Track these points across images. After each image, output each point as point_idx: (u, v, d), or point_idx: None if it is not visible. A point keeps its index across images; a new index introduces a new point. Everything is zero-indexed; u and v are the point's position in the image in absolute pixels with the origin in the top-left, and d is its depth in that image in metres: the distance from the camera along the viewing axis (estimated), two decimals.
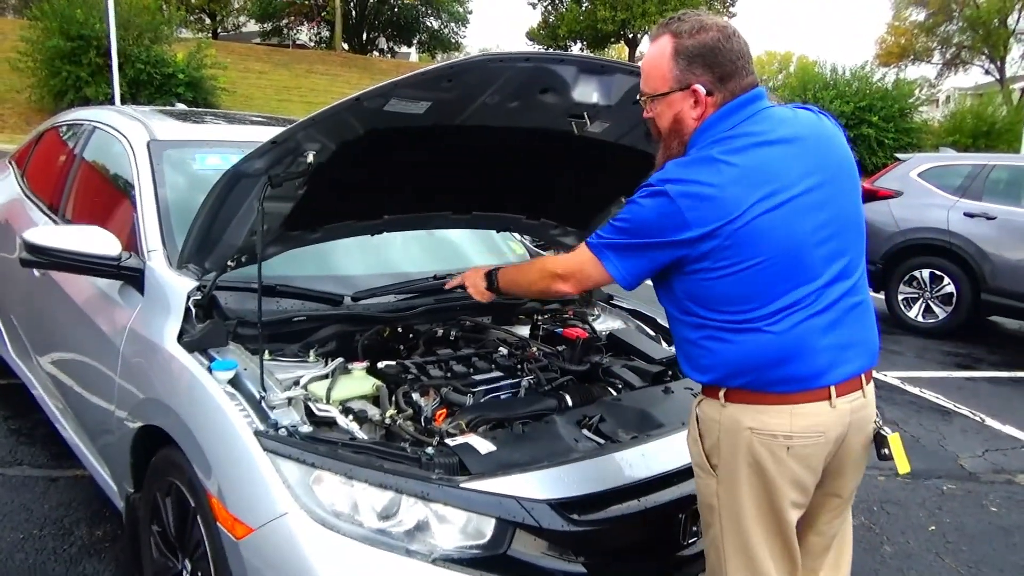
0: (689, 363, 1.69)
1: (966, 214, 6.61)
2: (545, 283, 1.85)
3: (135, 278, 2.32)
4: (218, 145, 2.88)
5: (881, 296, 7.28)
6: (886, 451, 1.68)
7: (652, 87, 1.65)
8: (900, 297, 7.03)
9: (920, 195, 6.97)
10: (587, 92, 2.04)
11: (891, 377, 5.47)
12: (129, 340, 2.25)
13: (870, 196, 7.32)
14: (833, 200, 1.60)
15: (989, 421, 4.74)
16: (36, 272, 2.82)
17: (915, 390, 5.24)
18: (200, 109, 6.82)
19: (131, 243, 2.44)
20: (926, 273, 6.85)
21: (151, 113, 3.24)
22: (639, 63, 1.77)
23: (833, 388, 1.59)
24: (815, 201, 1.56)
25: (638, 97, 1.72)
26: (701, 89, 1.59)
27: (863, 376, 1.66)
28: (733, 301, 1.55)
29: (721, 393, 1.62)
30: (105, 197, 3.01)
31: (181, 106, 4.60)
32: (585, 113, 2.11)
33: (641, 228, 1.58)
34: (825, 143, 1.64)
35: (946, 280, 6.71)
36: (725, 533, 1.65)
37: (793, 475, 1.60)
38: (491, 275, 2.07)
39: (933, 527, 3.32)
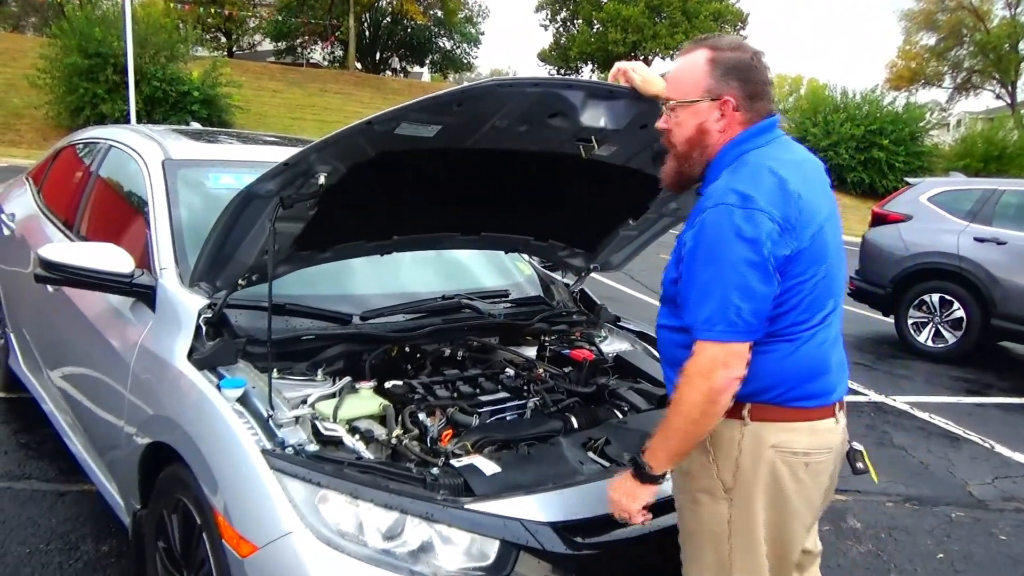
0: None
1: (976, 239, 6.59)
2: (717, 397, 1.51)
3: (147, 295, 2.34)
4: (232, 165, 2.91)
5: (891, 320, 7.26)
6: (860, 465, 1.76)
7: (682, 92, 1.66)
8: (910, 322, 7.00)
9: (930, 219, 6.96)
10: (595, 116, 2.06)
11: (900, 402, 5.44)
12: (139, 356, 2.27)
13: (880, 220, 7.33)
14: (838, 231, 1.69)
15: (999, 448, 4.70)
16: (49, 288, 2.86)
17: (924, 415, 5.20)
18: (214, 129, 6.90)
19: (144, 260, 2.47)
20: (936, 298, 6.82)
21: (166, 132, 3.29)
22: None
23: (837, 404, 1.68)
24: (832, 228, 1.65)
25: (660, 103, 1.72)
26: (731, 102, 1.62)
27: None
28: (795, 311, 1.58)
29: (746, 411, 1.60)
30: (119, 215, 3.05)
31: (196, 125, 4.66)
32: (593, 137, 2.13)
33: (744, 261, 1.48)
34: (822, 173, 1.72)
35: (956, 305, 6.68)
36: (735, 559, 1.61)
37: (809, 494, 1.64)
38: (638, 466, 1.63)
39: (941, 555, 3.28)
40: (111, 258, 2.33)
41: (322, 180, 1.91)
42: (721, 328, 1.49)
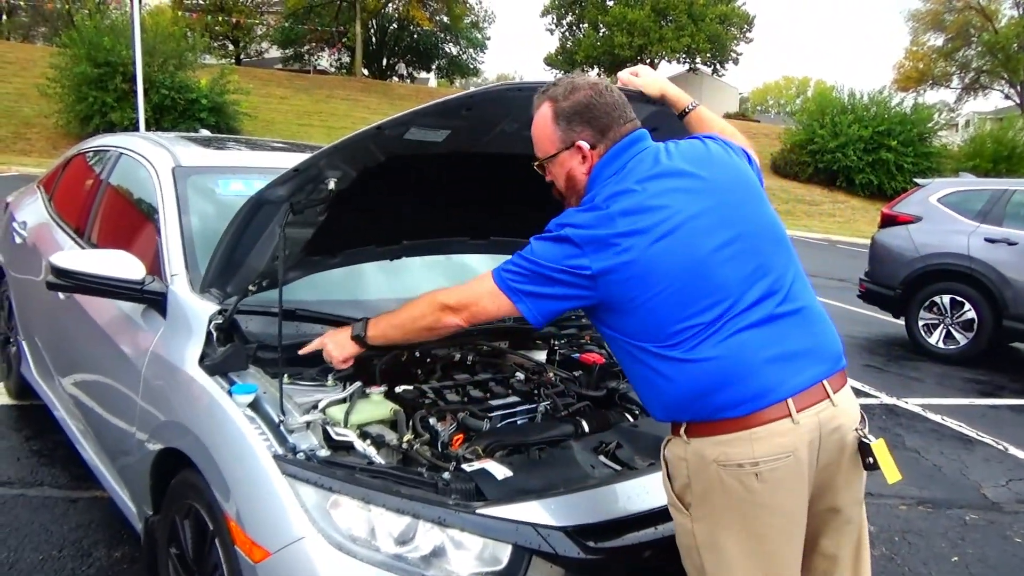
0: (646, 404, 1.71)
1: (987, 239, 6.56)
2: (434, 316, 1.76)
3: (158, 302, 2.35)
4: (241, 171, 2.92)
5: (901, 322, 7.22)
6: (871, 460, 1.60)
7: (543, 151, 1.75)
8: (920, 323, 6.97)
9: (940, 220, 6.93)
10: None
11: (912, 404, 5.41)
12: (151, 363, 2.28)
13: (890, 221, 7.30)
14: (736, 218, 1.62)
15: (1013, 450, 4.67)
16: (61, 295, 2.87)
17: (936, 417, 5.17)
18: (223, 136, 6.94)
19: (154, 267, 2.48)
20: (947, 299, 6.79)
21: (176, 140, 3.31)
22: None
23: (791, 401, 1.53)
24: (712, 223, 1.59)
25: (534, 165, 1.80)
26: (585, 144, 1.69)
27: (826, 383, 1.59)
28: (651, 332, 1.57)
29: (682, 430, 1.61)
30: (130, 221, 3.07)
31: (205, 132, 4.69)
32: None
33: (545, 270, 1.63)
34: (717, 166, 1.68)
35: (967, 306, 6.65)
36: (707, 570, 1.60)
37: (771, 501, 1.54)
38: (359, 327, 1.92)
39: (956, 558, 3.26)
40: (122, 265, 2.34)
41: (332, 185, 1.92)
42: (505, 278, 1.68)
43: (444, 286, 2.94)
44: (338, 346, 1.96)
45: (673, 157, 1.68)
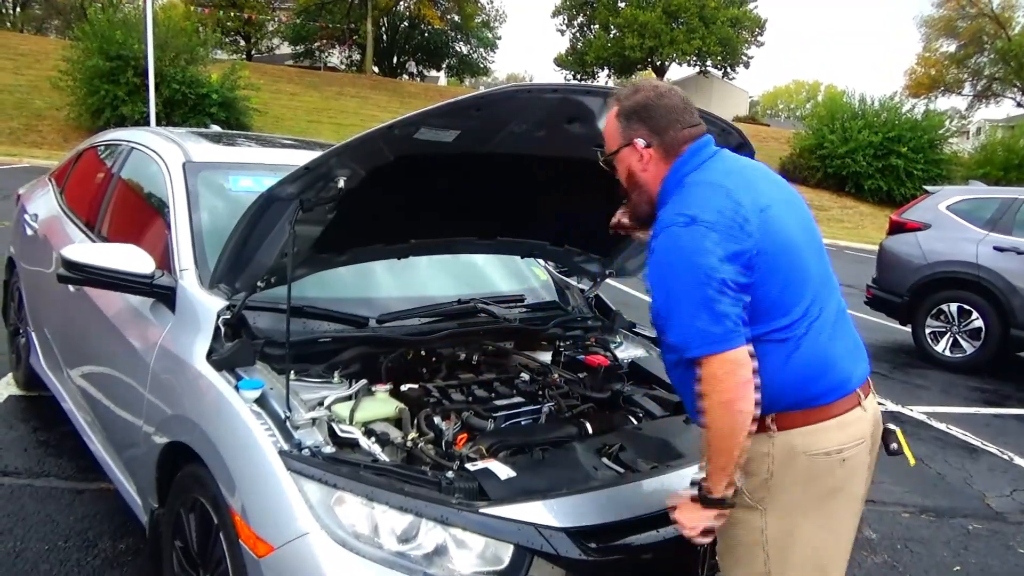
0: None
1: (996, 248, 6.53)
2: (733, 407, 1.53)
3: (167, 296, 2.37)
4: (251, 167, 2.94)
5: (908, 329, 7.19)
6: (895, 446, 1.76)
7: (608, 147, 1.81)
8: (927, 331, 6.94)
9: (949, 228, 6.90)
10: None
11: (917, 412, 5.39)
12: (159, 357, 2.30)
13: (898, 228, 7.27)
14: (799, 218, 1.71)
15: (1018, 460, 4.65)
16: (71, 287, 2.89)
17: (941, 426, 5.15)
18: (234, 132, 6.97)
19: (164, 262, 2.49)
20: (954, 307, 6.76)
21: (187, 135, 3.32)
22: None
23: (860, 391, 1.68)
24: (789, 210, 1.69)
25: (602, 162, 1.84)
26: (640, 142, 1.73)
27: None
28: (773, 312, 1.60)
29: (771, 421, 1.62)
30: (140, 216, 3.09)
31: (215, 128, 4.71)
32: None
33: (703, 286, 1.52)
34: (768, 173, 1.78)
35: (974, 315, 6.62)
36: (774, 565, 1.62)
37: (851, 489, 1.65)
38: (701, 491, 1.63)
39: (958, 567, 3.25)
40: (132, 259, 2.36)
41: (341, 184, 1.93)
42: (698, 342, 1.53)
43: (450, 285, 2.97)
44: (691, 519, 1.64)
45: (742, 160, 1.79)
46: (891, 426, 1.78)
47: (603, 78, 39.01)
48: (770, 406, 1.61)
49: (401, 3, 37.45)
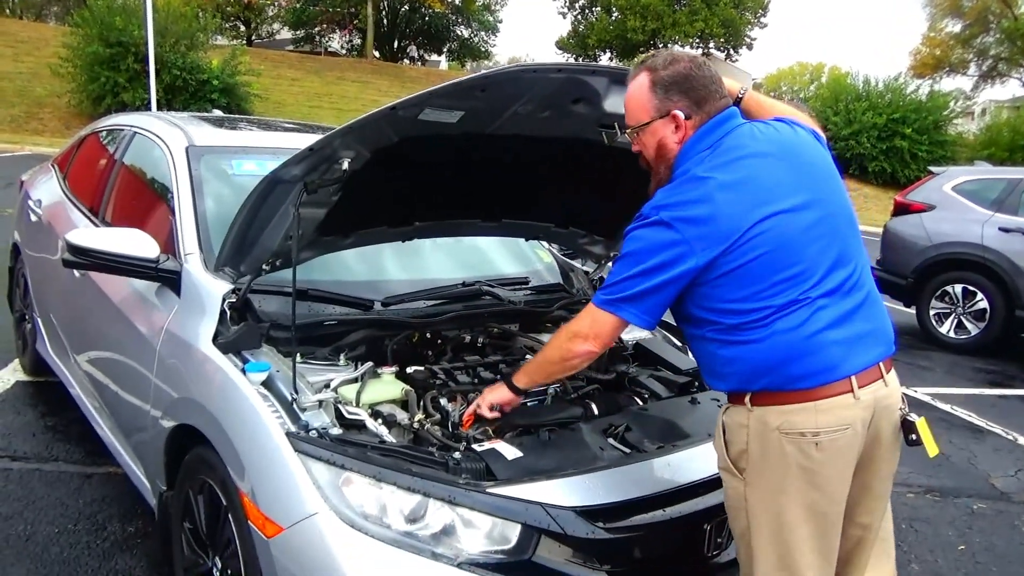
0: (710, 374, 1.75)
1: (1001, 229, 6.50)
2: (567, 347, 1.79)
3: (172, 280, 2.37)
4: (254, 151, 2.93)
5: (912, 311, 7.18)
6: (914, 436, 1.72)
7: (636, 119, 1.77)
8: (932, 312, 6.93)
9: (954, 209, 6.87)
10: (618, 103, 2.05)
11: (921, 393, 5.40)
12: (165, 341, 2.30)
13: (903, 209, 7.24)
14: (821, 200, 1.68)
15: (1022, 440, 4.65)
16: (76, 273, 2.90)
17: (946, 407, 5.16)
18: (236, 116, 6.94)
19: (169, 246, 2.49)
20: (959, 288, 6.74)
21: (189, 119, 3.32)
22: None
23: (854, 379, 1.63)
24: (802, 203, 1.65)
25: (625, 132, 1.82)
26: (680, 114, 1.71)
27: (882, 365, 1.70)
28: (738, 300, 1.61)
29: (747, 398, 1.66)
30: (144, 200, 3.08)
31: (217, 112, 4.69)
32: (616, 123, 2.13)
33: (647, 267, 1.63)
34: (801, 150, 1.74)
35: (979, 296, 6.61)
36: (754, 532, 1.67)
37: (828, 472, 1.63)
38: (507, 380, 1.98)
39: (962, 546, 3.26)
40: (137, 243, 2.36)
41: (345, 166, 1.92)
42: (605, 294, 1.68)
43: (454, 268, 2.97)
44: (497, 399, 1.99)
45: (764, 138, 1.72)
46: (912, 416, 1.73)
47: (605, 60, 38.79)
48: (746, 385, 1.65)
49: None
